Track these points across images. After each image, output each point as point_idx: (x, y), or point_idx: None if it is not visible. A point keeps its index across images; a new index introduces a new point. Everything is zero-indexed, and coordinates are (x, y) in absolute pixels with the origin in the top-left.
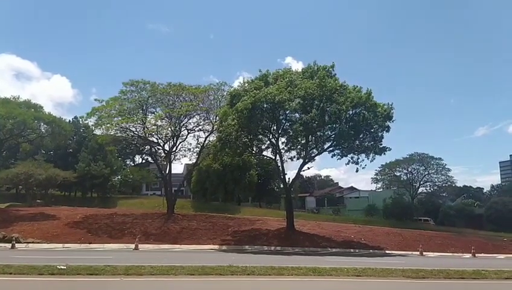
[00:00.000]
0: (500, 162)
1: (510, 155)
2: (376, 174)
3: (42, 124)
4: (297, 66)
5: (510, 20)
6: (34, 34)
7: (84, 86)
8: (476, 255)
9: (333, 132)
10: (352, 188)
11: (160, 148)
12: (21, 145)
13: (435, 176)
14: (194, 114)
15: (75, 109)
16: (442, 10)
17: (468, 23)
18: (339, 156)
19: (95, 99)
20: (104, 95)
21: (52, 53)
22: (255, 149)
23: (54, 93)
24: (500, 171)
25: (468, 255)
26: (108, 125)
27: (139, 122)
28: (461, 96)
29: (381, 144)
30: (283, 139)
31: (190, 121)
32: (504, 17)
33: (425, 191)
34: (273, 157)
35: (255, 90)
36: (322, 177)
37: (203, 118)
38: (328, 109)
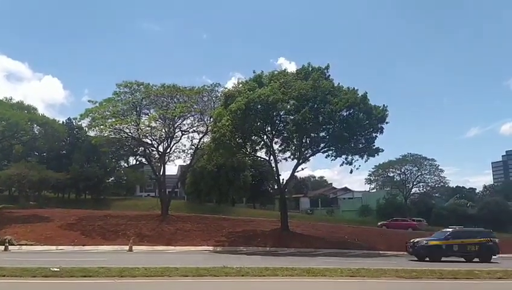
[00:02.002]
0: (492, 163)
1: (502, 156)
2: (369, 175)
3: (35, 125)
4: (289, 67)
5: (504, 20)
6: (24, 34)
7: (76, 87)
8: None
9: (327, 133)
10: (346, 189)
11: (154, 149)
12: (14, 147)
13: (427, 176)
14: (188, 115)
15: (67, 110)
16: (436, 11)
17: (461, 24)
18: (333, 157)
19: (89, 101)
20: (97, 96)
21: (43, 54)
22: (249, 150)
23: (45, 95)
24: (493, 171)
25: None
26: (101, 126)
27: (132, 123)
28: (453, 97)
29: (373, 146)
30: (277, 140)
31: (184, 122)
32: (497, 18)
33: (418, 191)
34: (267, 158)
35: (248, 91)
36: (316, 178)
37: (197, 119)
38: (322, 110)
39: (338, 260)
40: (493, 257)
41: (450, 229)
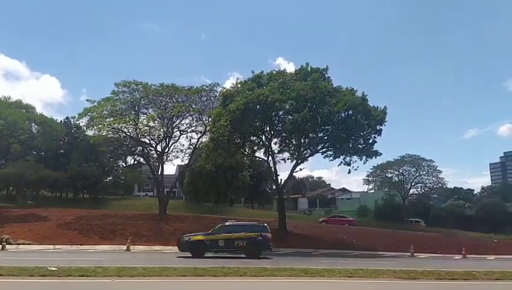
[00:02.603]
0: (490, 164)
1: (500, 157)
2: (368, 175)
3: (33, 124)
4: (288, 67)
5: (503, 21)
6: (22, 33)
7: (74, 86)
8: (467, 256)
9: (326, 134)
10: (344, 190)
11: (153, 149)
12: (12, 145)
13: (426, 177)
14: (187, 115)
15: (65, 109)
16: (436, 11)
17: (460, 25)
18: (331, 158)
19: (87, 100)
20: (95, 96)
21: (41, 53)
22: (247, 150)
23: (43, 94)
24: (490, 173)
25: (458, 256)
26: (100, 126)
27: (131, 123)
28: (451, 98)
29: (372, 148)
30: (276, 140)
31: (182, 122)
32: (497, 19)
33: (416, 192)
34: (266, 159)
35: (247, 91)
36: (314, 178)
37: (195, 119)
38: (320, 110)
39: (336, 260)
40: (266, 251)
41: (222, 224)
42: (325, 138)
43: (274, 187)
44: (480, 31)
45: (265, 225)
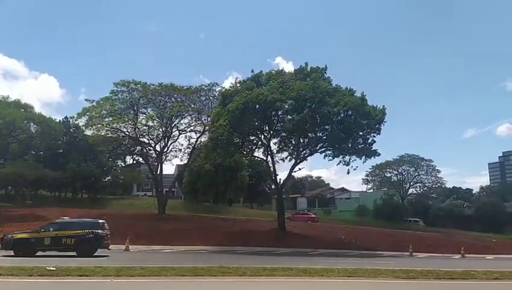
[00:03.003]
0: (489, 164)
1: (499, 157)
2: (367, 175)
3: (32, 124)
4: (287, 66)
5: (501, 22)
6: (21, 32)
7: (72, 86)
8: (466, 255)
9: (325, 134)
10: (343, 189)
11: (151, 148)
12: (10, 145)
13: (424, 177)
14: (186, 115)
15: (63, 108)
16: (435, 11)
17: (459, 25)
18: (330, 157)
19: (86, 100)
20: (93, 95)
21: (40, 52)
22: (246, 150)
23: (42, 93)
24: (489, 172)
25: (457, 256)
26: (99, 125)
27: (130, 122)
28: (450, 98)
29: (371, 148)
30: (275, 140)
31: (181, 121)
32: (495, 19)
33: (415, 192)
34: (265, 158)
35: (246, 91)
36: (313, 178)
37: (194, 118)
38: (319, 110)
39: (335, 260)
40: (102, 249)
41: (53, 221)
42: (324, 137)
43: (273, 187)
44: (480, 31)
45: (100, 221)
